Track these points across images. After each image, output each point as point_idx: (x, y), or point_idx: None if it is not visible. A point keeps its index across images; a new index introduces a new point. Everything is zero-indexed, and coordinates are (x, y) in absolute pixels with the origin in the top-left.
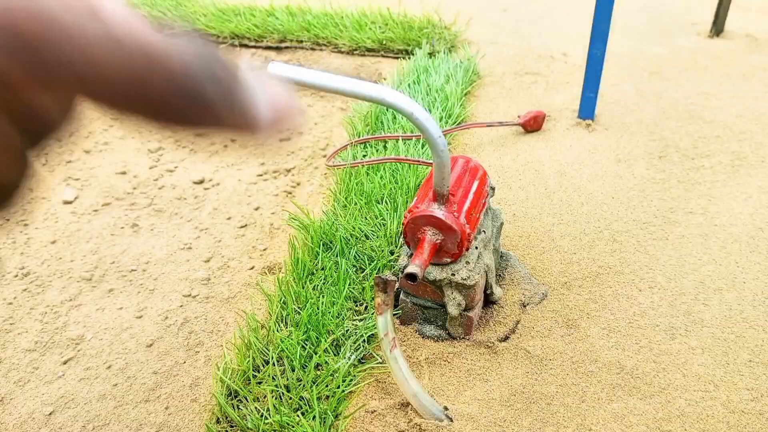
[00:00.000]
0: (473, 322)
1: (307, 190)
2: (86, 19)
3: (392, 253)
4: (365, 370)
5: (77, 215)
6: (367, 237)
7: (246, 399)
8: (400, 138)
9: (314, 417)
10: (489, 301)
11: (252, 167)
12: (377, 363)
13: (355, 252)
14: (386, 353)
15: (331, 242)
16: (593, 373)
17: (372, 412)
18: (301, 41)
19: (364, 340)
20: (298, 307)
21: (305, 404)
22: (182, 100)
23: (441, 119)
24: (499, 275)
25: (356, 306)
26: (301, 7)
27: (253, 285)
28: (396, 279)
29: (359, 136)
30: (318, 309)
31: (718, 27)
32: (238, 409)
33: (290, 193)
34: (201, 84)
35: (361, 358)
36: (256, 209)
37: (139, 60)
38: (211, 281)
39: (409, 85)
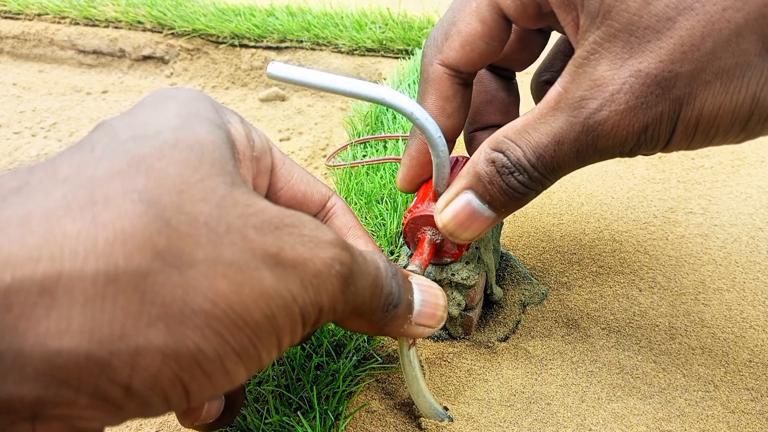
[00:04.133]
0: (473, 322)
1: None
2: (361, 258)
3: (392, 253)
4: (365, 370)
5: None
6: None
7: (246, 399)
8: (400, 138)
9: (314, 417)
10: (489, 301)
11: None
12: (377, 363)
13: None
14: (402, 350)
15: None
16: (593, 373)
17: (372, 412)
18: (301, 41)
19: (364, 340)
20: None
21: (305, 404)
22: (385, 311)
23: None
24: (499, 275)
25: None
26: (301, 7)
27: None
28: None
29: (359, 136)
30: None
31: None
32: None
33: None
34: (396, 295)
35: (362, 359)
36: None
37: (376, 283)
38: None
39: (409, 85)
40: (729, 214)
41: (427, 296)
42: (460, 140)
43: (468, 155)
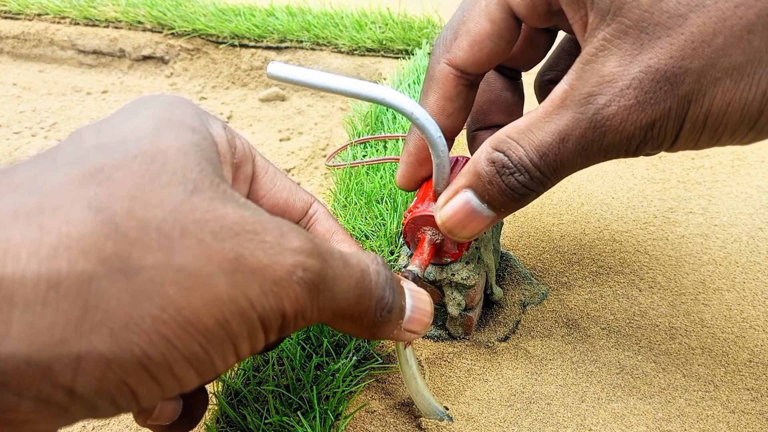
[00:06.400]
0: (473, 322)
1: (307, 190)
2: (339, 262)
3: (392, 253)
4: (365, 370)
5: None
6: (367, 237)
7: (246, 399)
8: (400, 138)
9: (314, 417)
10: (489, 301)
11: None
12: (377, 363)
13: None
14: (399, 349)
15: None
16: (593, 373)
17: (372, 412)
18: (301, 41)
19: (364, 340)
20: None
21: (305, 404)
22: (377, 315)
23: None
24: (499, 275)
25: None
26: (301, 7)
27: None
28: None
29: (359, 136)
30: None
31: None
32: (238, 408)
33: None
34: (390, 300)
35: (362, 359)
36: None
37: (361, 287)
38: None
39: (409, 85)
40: (729, 214)
41: (417, 302)
42: (459, 140)
43: (470, 155)
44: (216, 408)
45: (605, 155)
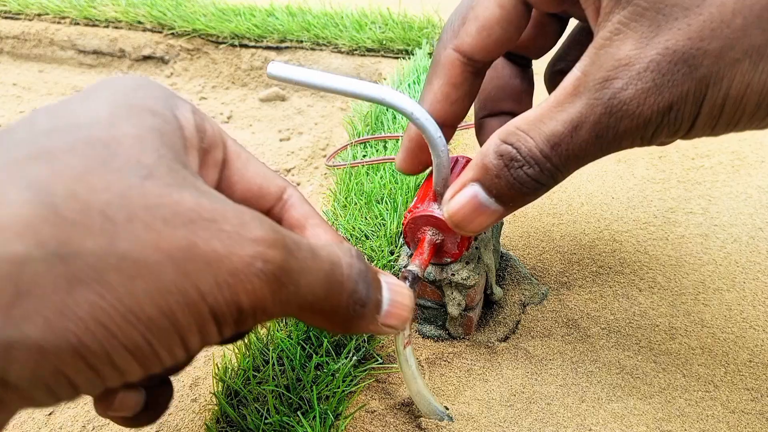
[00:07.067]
0: (473, 322)
1: (307, 190)
2: (307, 254)
3: (392, 253)
4: (365, 370)
5: None
6: (367, 237)
7: (246, 399)
8: (400, 138)
9: (314, 417)
10: (489, 301)
11: None
12: (377, 363)
13: None
14: (399, 349)
15: None
16: (593, 373)
17: (372, 412)
18: (301, 41)
19: (364, 340)
20: None
21: (305, 404)
22: (350, 309)
23: None
24: (499, 275)
25: None
26: (301, 7)
27: None
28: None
29: (359, 136)
30: None
31: None
32: (238, 408)
33: None
34: (363, 294)
35: (362, 359)
36: None
37: (331, 280)
38: None
39: (409, 85)
40: (729, 214)
41: (395, 296)
42: (460, 140)
43: (477, 141)
44: (216, 408)
45: (620, 143)
